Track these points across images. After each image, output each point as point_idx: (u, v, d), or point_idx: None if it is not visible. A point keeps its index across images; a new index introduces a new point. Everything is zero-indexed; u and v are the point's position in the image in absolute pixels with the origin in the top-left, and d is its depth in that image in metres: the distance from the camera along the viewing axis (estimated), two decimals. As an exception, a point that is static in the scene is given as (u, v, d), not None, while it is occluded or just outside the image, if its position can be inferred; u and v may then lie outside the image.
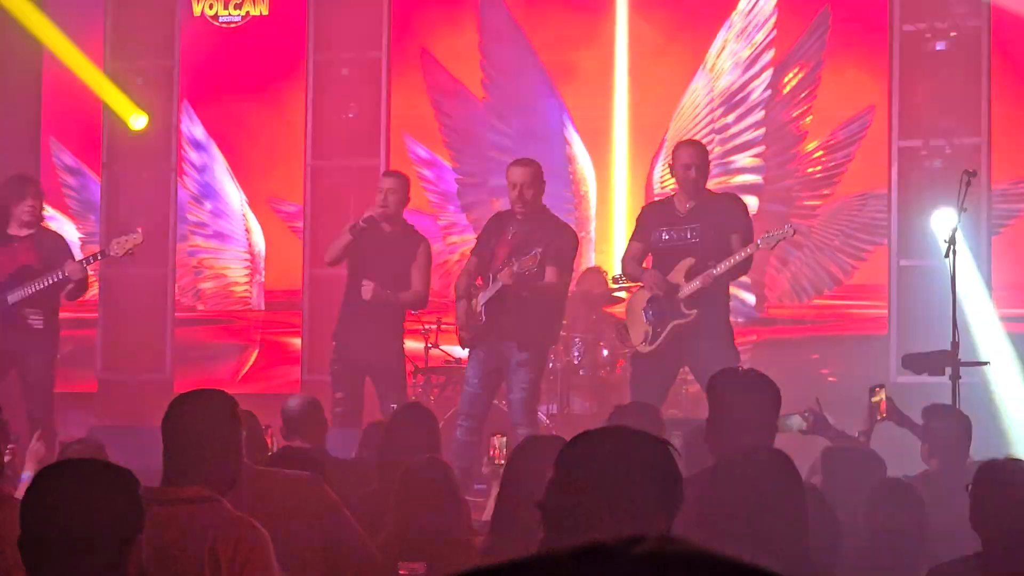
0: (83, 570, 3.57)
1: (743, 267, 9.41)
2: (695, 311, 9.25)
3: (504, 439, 7.75)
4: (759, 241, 9.31)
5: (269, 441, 7.64)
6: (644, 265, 9.62)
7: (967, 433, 7.43)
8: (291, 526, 4.98)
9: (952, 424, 7.52)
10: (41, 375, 10.38)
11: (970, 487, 4.85)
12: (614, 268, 11.67)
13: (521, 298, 9.47)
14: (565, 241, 9.67)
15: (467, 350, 10.00)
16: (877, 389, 8.26)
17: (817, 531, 4.14)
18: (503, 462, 6.58)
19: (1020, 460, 5.09)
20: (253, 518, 4.44)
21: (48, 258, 10.31)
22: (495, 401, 10.09)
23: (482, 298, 9.65)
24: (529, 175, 9.65)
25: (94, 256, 10.69)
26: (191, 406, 4.72)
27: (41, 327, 10.32)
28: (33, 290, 10.20)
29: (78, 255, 10.93)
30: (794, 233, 9.68)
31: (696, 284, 9.25)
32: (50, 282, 10.21)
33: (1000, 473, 4.88)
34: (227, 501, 4.48)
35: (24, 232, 10.37)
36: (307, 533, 5.15)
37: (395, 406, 9.84)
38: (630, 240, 9.65)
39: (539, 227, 9.65)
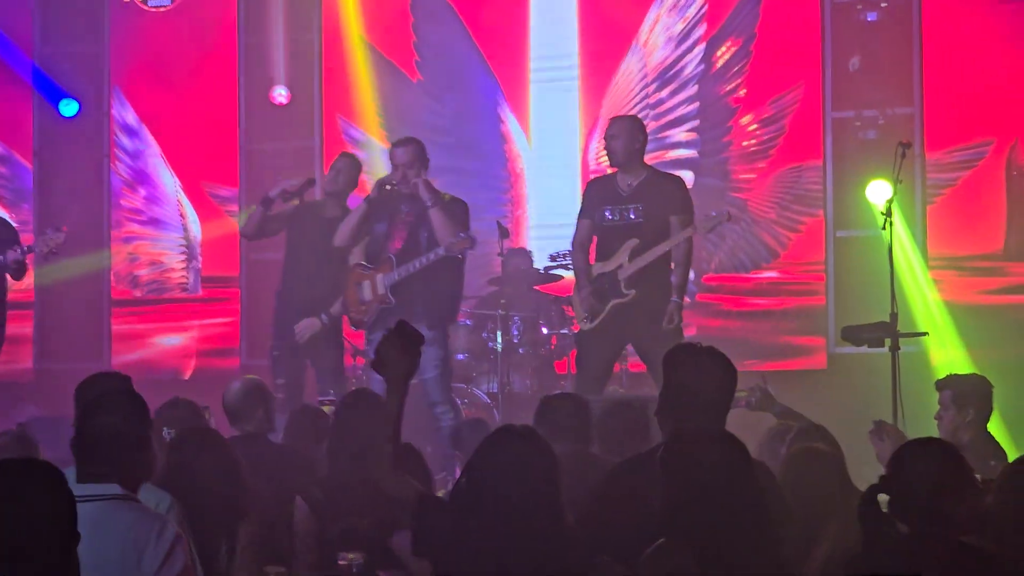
0: None
1: (686, 252, 9.44)
2: (633, 291, 9.37)
3: None
4: (696, 226, 9.48)
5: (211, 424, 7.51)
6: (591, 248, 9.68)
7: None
8: None
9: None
10: None
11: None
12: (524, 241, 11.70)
13: (427, 278, 9.59)
14: (465, 215, 9.77)
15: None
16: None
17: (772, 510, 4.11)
18: None
19: None
20: None
21: None
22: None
23: (386, 279, 9.68)
24: (410, 154, 9.78)
25: (24, 250, 10.15)
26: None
27: None
28: None
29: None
30: (729, 218, 9.91)
31: (638, 263, 9.35)
32: None
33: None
34: None
35: None
36: None
37: (332, 392, 9.83)
38: (578, 217, 9.73)
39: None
